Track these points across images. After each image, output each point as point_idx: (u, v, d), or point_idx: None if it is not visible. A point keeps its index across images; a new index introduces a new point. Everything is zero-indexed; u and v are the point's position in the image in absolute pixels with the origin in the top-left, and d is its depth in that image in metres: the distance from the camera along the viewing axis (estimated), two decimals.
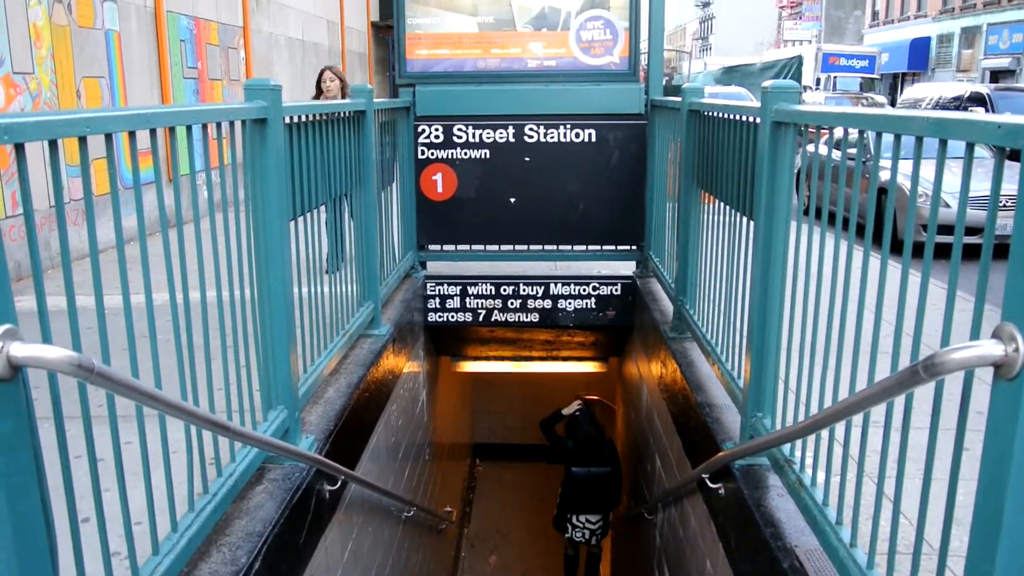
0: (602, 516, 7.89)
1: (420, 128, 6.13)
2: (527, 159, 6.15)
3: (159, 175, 2.17)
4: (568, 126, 6.09)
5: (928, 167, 1.82)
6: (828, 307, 2.42)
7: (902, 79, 35.95)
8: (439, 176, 6.20)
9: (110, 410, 1.82)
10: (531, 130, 6.11)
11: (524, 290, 6.37)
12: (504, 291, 6.38)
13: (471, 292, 6.39)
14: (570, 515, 7.86)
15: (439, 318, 6.43)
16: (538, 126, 6.11)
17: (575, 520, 7.86)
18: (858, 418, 2.09)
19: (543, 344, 7.28)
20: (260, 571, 2.46)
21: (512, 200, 6.23)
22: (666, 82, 7.64)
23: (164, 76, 8.81)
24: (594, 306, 6.40)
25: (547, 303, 6.39)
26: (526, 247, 6.33)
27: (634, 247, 6.29)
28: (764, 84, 2.90)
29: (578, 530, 7.91)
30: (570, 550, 8.30)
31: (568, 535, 8.01)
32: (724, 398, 3.65)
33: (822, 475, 2.45)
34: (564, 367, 8.29)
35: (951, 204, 7.93)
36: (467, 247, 6.35)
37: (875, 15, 40.42)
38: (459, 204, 6.24)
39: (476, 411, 11.71)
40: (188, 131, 2.33)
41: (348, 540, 3.77)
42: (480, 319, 6.44)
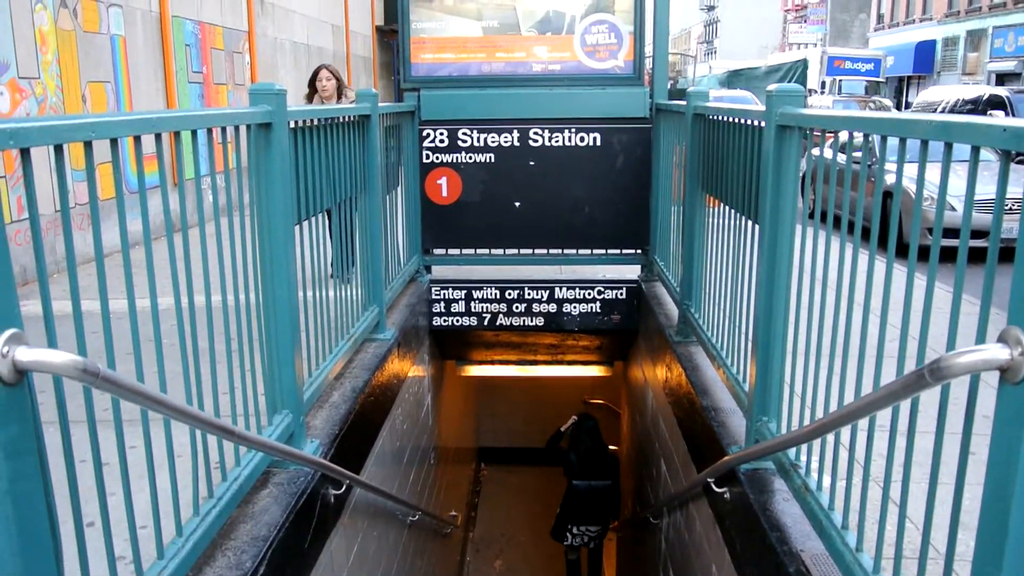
0: (601, 526, 7.96)
1: (425, 132, 6.13)
2: (532, 163, 6.15)
3: (164, 179, 2.17)
4: (573, 130, 6.09)
5: (933, 170, 1.82)
6: (833, 311, 2.41)
7: (907, 82, 35.89)
8: (444, 180, 6.21)
9: (115, 414, 1.82)
10: (536, 134, 6.12)
11: (529, 294, 6.37)
12: (509, 295, 6.38)
13: (476, 296, 6.39)
14: (570, 526, 7.92)
15: (444, 322, 6.43)
16: (543, 130, 6.11)
17: (575, 530, 7.93)
18: (864, 422, 2.08)
19: (548, 348, 7.28)
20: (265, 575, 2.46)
21: (517, 204, 6.23)
22: (671, 86, 7.64)
23: (169, 80, 8.84)
24: (599, 310, 6.39)
25: (552, 307, 6.39)
26: (531, 251, 6.33)
27: (639, 251, 6.29)
28: (768, 88, 2.90)
29: (577, 538, 7.98)
30: (571, 555, 8.33)
31: (567, 543, 8.07)
32: (729, 402, 3.64)
33: (828, 479, 2.44)
34: (569, 371, 8.30)
35: (956, 207, 7.91)
36: (472, 251, 6.35)
37: (880, 18, 40.37)
38: (464, 208, 6.24)
39: (481, 415, 11.71)
40: (193, 135, 2.33)
41: (353, 544, 3.77)
42: (485, 323, 6.44)
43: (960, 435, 1.55)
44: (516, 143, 6.13)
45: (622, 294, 6.36)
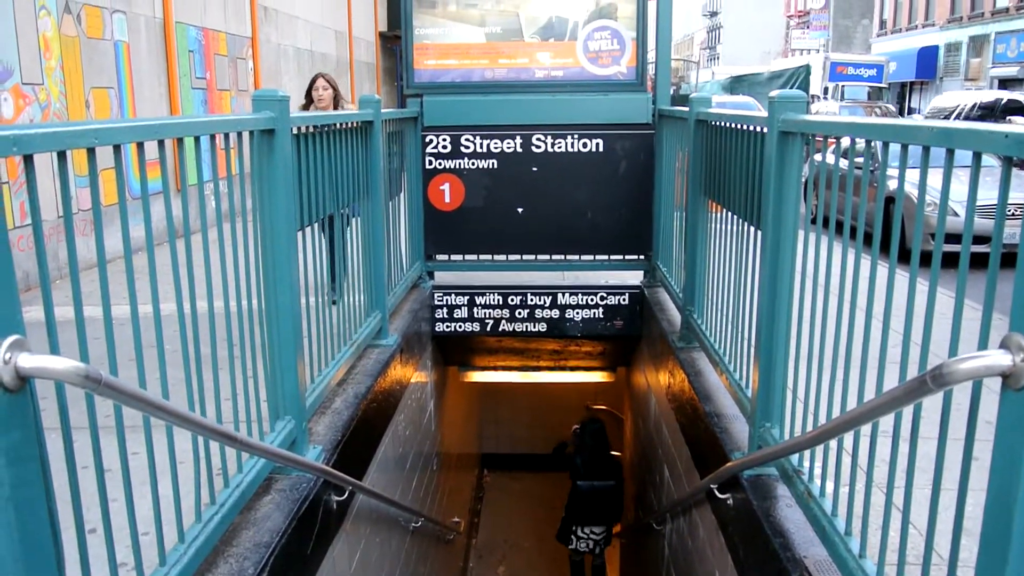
0: (605, 528, 7.96)
1: (428, 138, 6.14)
2: (534, 169, 6.16)
3: (167, 185, 2.17)
4: (575, 136, 6.10)
5: (935, 176, 1.82)
6: (836, 316, 2.41)
7: (910, 88, 35.88)
8: (447, 186, 6.21)
9: (117, 420, 1.82)
10: (539, 140, 6.12)
11: (532, 300, 6.37)
12: (512, 301, 6.38)
13: (479, 302, 6.39)
14: (575, 527, 7.93)
15: (447, 328, 6.43)
16: (546, 136, 6.12)
17: (579, 532, 7.94)
18: (867, 428, 2.08)
19: (551, 354, 7.28)
20: None
21: (520, 210, 6.23)
22: (673, 91, 7.65)
23: (173, 86, 8.86)
24: (602, 316, 6.39)
25: (555, 313, 6.39)
26: (534, 257, 6.33)
27: (642, 257, 6.29)
28: (771, 94, 2.90)
29: (582, 541, 8.00)
30: (575, 556, 8.35)
31: (572, 546, 8.08)
32: (732, 408, 3.64)
33: (831, 485, 2.43)
34: (572, 377, 8.29)
35: (959, 213, 7.91)
36: (475, 257, 6.36)
37: (883, 24, 40.38)
38: (467, 214, 6.24)
39: (484, 421, 11.70)
40: (196, 142, 2.34)
41: (355, 551, 3.76)
42: (488, 329, 6.44)
43: (963, 441, 1.55)
44: (519, 149, 6.13)
45: (625, 300, 6.36)
